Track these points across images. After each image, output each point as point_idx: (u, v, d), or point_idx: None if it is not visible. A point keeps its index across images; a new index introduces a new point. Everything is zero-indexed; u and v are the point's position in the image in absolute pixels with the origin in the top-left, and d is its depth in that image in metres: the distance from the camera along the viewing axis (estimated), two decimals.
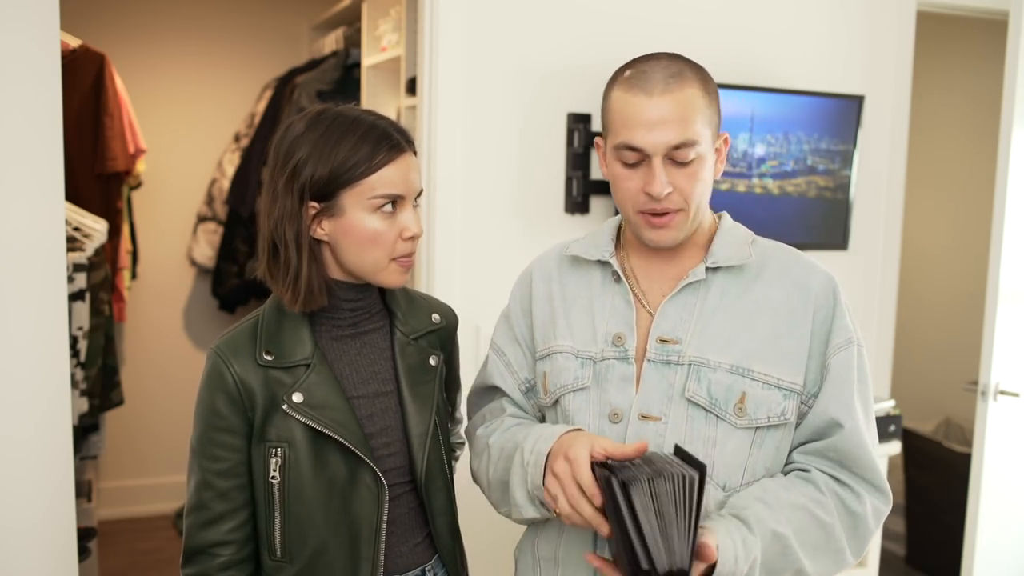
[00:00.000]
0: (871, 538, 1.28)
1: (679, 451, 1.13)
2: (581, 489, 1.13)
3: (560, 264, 1.42)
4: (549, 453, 1.21)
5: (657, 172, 1.23)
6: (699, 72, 1.26)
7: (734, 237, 1.33)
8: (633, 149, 1.24)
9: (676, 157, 1.23)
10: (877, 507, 1.27)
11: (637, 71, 1.25)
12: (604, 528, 1.13)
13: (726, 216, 1.38)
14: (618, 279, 1.34)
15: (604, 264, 1.36)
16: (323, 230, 1.29)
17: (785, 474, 1.29)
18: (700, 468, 1.06)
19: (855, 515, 1.25)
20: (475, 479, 1.44)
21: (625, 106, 1.24)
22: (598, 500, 1.12)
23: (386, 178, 1.26)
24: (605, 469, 1.11)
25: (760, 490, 1.22)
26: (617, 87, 1.27)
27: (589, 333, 1.33)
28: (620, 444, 1.16)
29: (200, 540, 1.30)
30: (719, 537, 1.13)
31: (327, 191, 1.26)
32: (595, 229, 1.44)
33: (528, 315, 1.43)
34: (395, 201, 1.28)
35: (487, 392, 1.49)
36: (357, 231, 1.27)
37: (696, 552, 1.09)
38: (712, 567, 1.11)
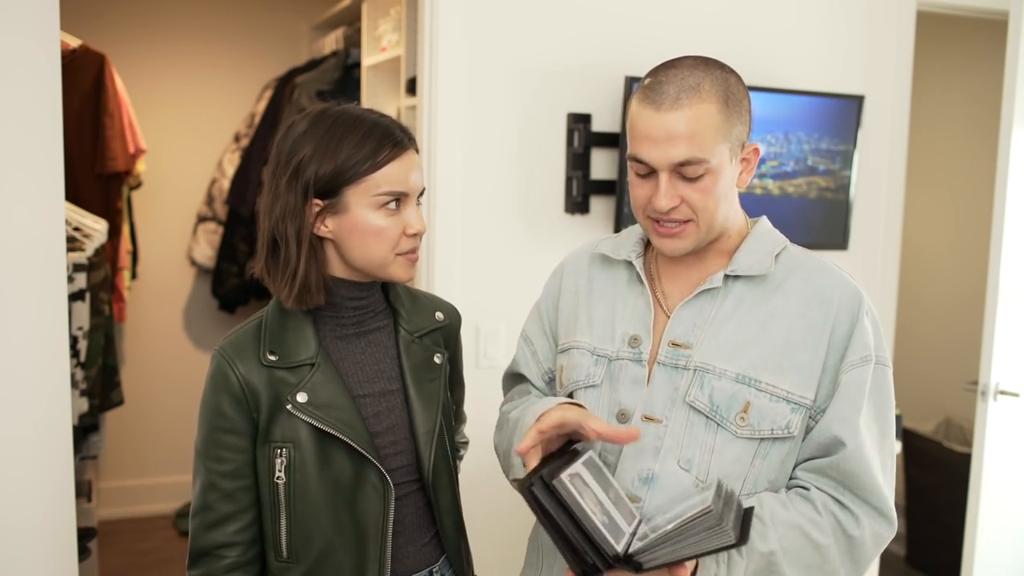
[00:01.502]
0: (869, 563, 1.26)
1: None
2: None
3: (591, 261, 1.43)
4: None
5: (662, 187, 1.22)
6: (722, 83, 1.23)
7: (762, 245, 1.31)
8: (641, 162, 1.23)
9: (684, 173, 1.21)
10: (877, 532, 1.25)
11: (655, 81, 1.23)
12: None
13: (762, 221, 1.36)
14: (641, 280, 1.34)
15: (630, 264, 1.37)
16: (327, 227, 1.29)
17: (788, 489, 1.28)
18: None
19: (852, 539, 1.22)
20: (496, 451, 1.46)
21: (637, 118, 1.24)
22: (532, 456, 1.17)
23: (390, 175, 1.27)
24: (568, 454, 1.14)
25: (757, 506, 1.21)
26: (635, 96, 1.26)
27: (608, 331, 1.34)
28: (614, 429, 1.17)
29: (206, 541, 1.30)
30: (706, 562, 1.14)
31: (331, 188, 1.27)
32: (627, 228, 1.45)
33: (556, 308, 1.45)
34: (399, 198, 1.28)
35: (515, 379, 1.53)
36: (361, 228, 1.27)
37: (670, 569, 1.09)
38: None
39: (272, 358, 1.29)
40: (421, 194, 1.34)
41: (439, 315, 1.46)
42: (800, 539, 1.20)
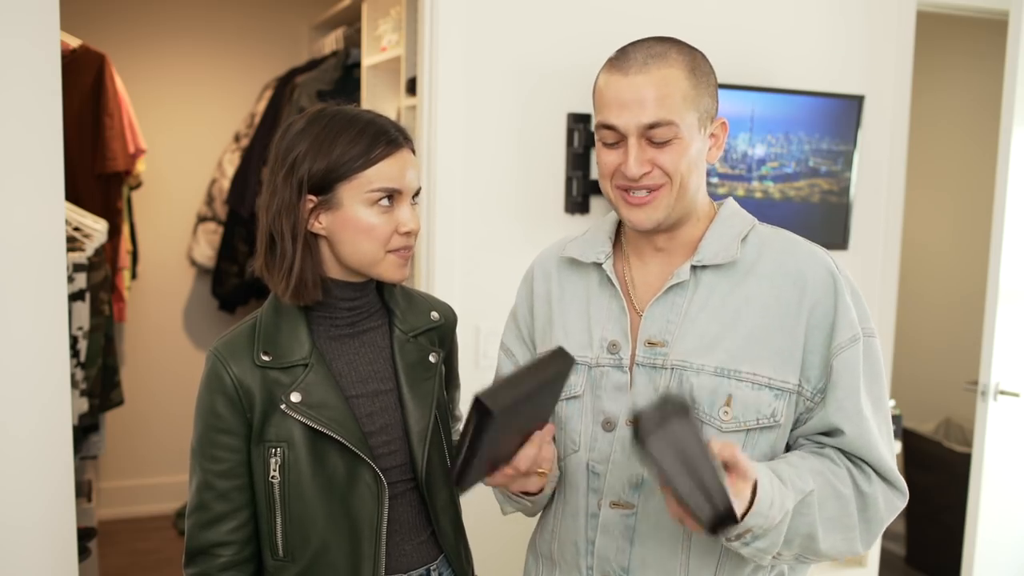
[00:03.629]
0: (881, 527, 1.24)
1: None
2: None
3: (559, 265, 1.40)
4: None
5: (632, 152, 1.20)
6: (688, 54, 1.23)
7: (727, 229, 1.29)
8: (609, 128, 1.22)
9: (653, 136, 1.20)
10: (888, 495, 1.24)
11: (621, 53, 1.25)
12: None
13: (727, 203, 1.34)
14: (612, 283, 1.31)
15: (599, 266, 1.34)
16: (321, 224, 1.30)
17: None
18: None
19: (865, 496, 1.21)
20: None
21: (605, 86, 1.24)
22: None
23: (383, 172, 1.28)
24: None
25: (780, 457, 1.21)
26: (602, 70, 1.26)
27: (585, 338, 1.31)
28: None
29: (201, 541, 1.30)
30: (761, 479, 1.10)
31: (324, 184, 1.28)
32: (593, 224, 1.42)
33: (531, 314, 1.42)
34: (392, 196, 1.29)
35: None
36: (353, 224, 1.28)
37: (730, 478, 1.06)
38: (747, 509, 1.08)
39: (266, 359, 1.29)
40: (416, 194, 1.34)
41: (434, 314, 1.46)
42: (826, 486, 1.18)
